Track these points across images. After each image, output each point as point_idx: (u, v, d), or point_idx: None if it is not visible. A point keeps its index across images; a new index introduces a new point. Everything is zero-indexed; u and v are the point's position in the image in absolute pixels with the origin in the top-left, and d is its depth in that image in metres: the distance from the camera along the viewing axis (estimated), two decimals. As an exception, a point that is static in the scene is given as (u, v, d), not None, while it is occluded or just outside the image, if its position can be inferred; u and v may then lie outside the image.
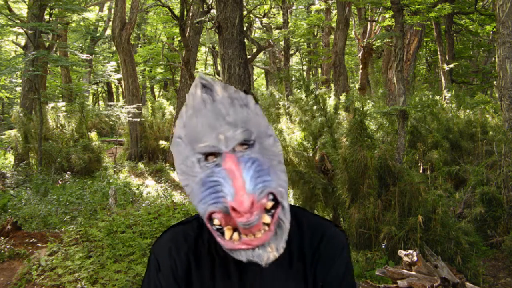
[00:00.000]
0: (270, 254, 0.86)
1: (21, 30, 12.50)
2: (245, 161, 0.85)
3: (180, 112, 0.91)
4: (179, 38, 17.09)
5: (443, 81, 12.94)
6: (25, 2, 13.89)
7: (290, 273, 0.96)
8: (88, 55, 17.53)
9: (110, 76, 21.29)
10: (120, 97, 24.36)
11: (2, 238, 5.35)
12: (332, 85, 14.58)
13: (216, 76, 19.13)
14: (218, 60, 15.89)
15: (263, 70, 26.36)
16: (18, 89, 19.50)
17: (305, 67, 26.46)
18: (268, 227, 0.86)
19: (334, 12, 18.07)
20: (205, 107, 0.87)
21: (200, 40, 14.87)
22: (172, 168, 12.47)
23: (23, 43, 14.48)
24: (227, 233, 0.86)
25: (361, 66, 14.49)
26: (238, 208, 0.81)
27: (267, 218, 0.85)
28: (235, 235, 0.85)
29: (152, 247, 1.03)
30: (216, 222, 0.86)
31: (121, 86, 19.44)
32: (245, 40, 8.38)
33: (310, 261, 0.97)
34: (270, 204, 0.86)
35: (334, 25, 16.93)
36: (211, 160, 0.86)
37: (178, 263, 0.98)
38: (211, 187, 0.85)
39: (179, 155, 0.91)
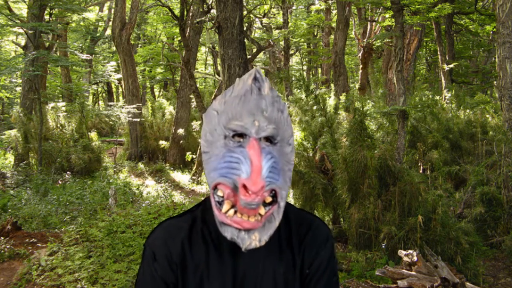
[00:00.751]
0: (252, 241, 0.93)
1: (21, 30, 12.50)
2: (266, 153, 0.93)
3: (224, 91, 1.01)
4: (179, 38, 17.08)
5: (443, 81, 12.94)
6: (25, 2, 13.88)
7: (280, 260, 1.04)
8: (88, 55, 17.51)
9: (110, 76, 21.28)
10: (120, 97, 24.36)
11: (2, 238, 5.35)
12: (332, 85, 14.58)
13: (216, 76, 19.11)
14: (218, 60, 15.87)
15: (263, 70, 26.38)
16: (18, 89, 19.50)
17: (305, 67, 26.46)
18: (261, 218, 0.93)
19: (334, 12, 18.07)
20: (251, 94, 0.96)
21: (200, 40, 14.86)
22: (172, 168, 12.46)
23: (23, 43, 14.48)
24: (226, 206, 0.93)
25: (361, 66, 14.49)
26: (250, 187, 0.88)
27: (263, 210, 0.93)
28: (231, 211, 0.92)
29: (145, 242, 1.07)
30: (219, 193, 0.94)
31: (121, 86, 19.44)
32: (245, 40, 8.38)
33: (298, 250, 1.05)
34: (269, 199, 0.94)
35: (334, 25, 16.93)
36: (237, 140, 0.94)
37: (172, 250, 1.03)
38: (229, 161, 0.93)
39: (209, 125, 1.00)
